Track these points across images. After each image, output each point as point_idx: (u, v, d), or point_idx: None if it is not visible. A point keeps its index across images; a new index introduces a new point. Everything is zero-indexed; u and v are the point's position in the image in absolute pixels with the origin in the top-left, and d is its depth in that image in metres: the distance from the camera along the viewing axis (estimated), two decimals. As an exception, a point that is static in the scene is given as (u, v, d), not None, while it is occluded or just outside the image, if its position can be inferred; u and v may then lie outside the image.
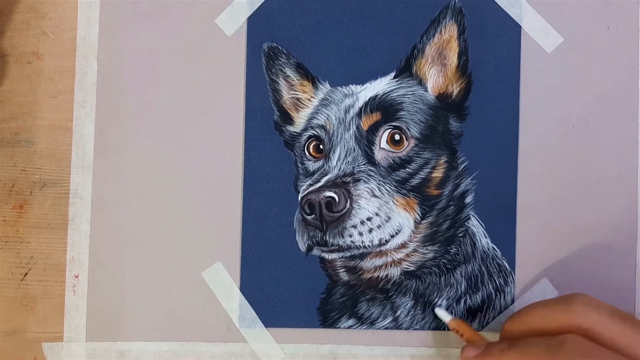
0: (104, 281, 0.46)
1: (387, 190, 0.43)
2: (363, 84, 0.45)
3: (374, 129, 0.44)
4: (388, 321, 0.45)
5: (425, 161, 0.44)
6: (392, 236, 0.43)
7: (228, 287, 0.45)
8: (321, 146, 0.45)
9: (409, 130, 0.44)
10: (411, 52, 0.45)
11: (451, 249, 0.45)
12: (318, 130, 0.45)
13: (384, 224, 0.43)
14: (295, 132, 0.46)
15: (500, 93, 0.45)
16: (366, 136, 0.44)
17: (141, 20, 0.46)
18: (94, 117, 0.46)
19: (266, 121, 0.46)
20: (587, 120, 0.45)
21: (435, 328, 0.45)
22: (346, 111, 0.45)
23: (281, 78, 0.46)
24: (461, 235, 0.45)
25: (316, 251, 0.44)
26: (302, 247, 0.44)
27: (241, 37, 0.46)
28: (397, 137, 0.44)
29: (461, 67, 0.45)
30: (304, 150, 0.45)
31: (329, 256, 0.45)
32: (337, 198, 0.42)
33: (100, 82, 0.46)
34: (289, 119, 0.46)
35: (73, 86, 0.46)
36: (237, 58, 0.46)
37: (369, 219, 0.43)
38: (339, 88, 0.45)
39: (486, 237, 0.45)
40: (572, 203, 0.45)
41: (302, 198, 0.43)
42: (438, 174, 0.44)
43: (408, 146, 0.44)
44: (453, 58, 0.45)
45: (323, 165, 0.44)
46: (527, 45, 0.45)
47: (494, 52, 0.45)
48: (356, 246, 0.43)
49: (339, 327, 0.45)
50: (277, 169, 0.45)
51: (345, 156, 0.44)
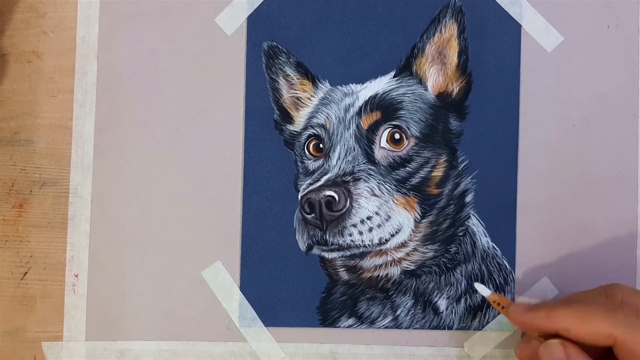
0: (104, 280, 0.46)
1: (387, 189, 0.43)
2: (363, 83, 0.45)
3: (374, 128, 0.44)
4: (388, 320, 0.45)
5: (425, 160, 0.44)
6: (392, 235, 0.43)
7: (228, 287, 0.45)
8: (321, 145, 0.45)
9: (409, 129, 0.44)
10: (411, 51, 0.45)
11: (451, 248, 0.45)
12: (318, 129, 0.45)
13: (384, 223, 0.43)
14: (295, 131, 0.46)
15: (500, 92, 0.45)
16: (366, 135, 0.44)
17: (141, 19, 0.46)
18: (94, 117, 0.46)
19: (266, 120, 0.46)
20: (587, 119, 0.45)
21: (435, 327, 0.45)
22: (346, 110, 0.45)
23: (281, 77, 0.46)
24: (461, 234, 0.45)
25: (316, 250, 0.44)
26: (302, 246, 0.44)
27: (241, 36, 0.46)
28: (397, 136, 0.44)
29: (461, 66, 0.45)
30: (304, 149, 0.45)
31: (329, 255, 0.44)
32: (337, 197, 0.42)
33: (100, 82, 0.46)
34: (289, 118, 0.46)
35: (73, 85, 0.46)
36: (237, 57, 0.46)
37: (369, 218, 0.43)
38: (339, 87, 0.45)
39: (486, 236, 0.45)
40: (572, 202, 0.45)
41: (302, 197, 0.43)
42: (438, 173, 0.44)
43: (408, 145, 0.44)
44: (453, 57, 0.45)
45: (323, 164, 0.44)
46: (527, 44, 0.45)
47: (494, 51, 0.45)
48: (356, 245, 0.43)
49: (339, 327, 0.45)
50: (277, 168, 0.45)
51: (345, 155, 0.44)
